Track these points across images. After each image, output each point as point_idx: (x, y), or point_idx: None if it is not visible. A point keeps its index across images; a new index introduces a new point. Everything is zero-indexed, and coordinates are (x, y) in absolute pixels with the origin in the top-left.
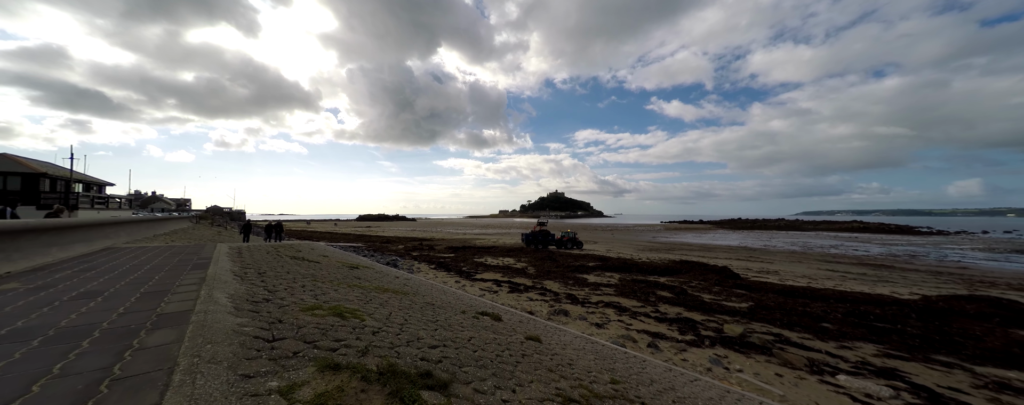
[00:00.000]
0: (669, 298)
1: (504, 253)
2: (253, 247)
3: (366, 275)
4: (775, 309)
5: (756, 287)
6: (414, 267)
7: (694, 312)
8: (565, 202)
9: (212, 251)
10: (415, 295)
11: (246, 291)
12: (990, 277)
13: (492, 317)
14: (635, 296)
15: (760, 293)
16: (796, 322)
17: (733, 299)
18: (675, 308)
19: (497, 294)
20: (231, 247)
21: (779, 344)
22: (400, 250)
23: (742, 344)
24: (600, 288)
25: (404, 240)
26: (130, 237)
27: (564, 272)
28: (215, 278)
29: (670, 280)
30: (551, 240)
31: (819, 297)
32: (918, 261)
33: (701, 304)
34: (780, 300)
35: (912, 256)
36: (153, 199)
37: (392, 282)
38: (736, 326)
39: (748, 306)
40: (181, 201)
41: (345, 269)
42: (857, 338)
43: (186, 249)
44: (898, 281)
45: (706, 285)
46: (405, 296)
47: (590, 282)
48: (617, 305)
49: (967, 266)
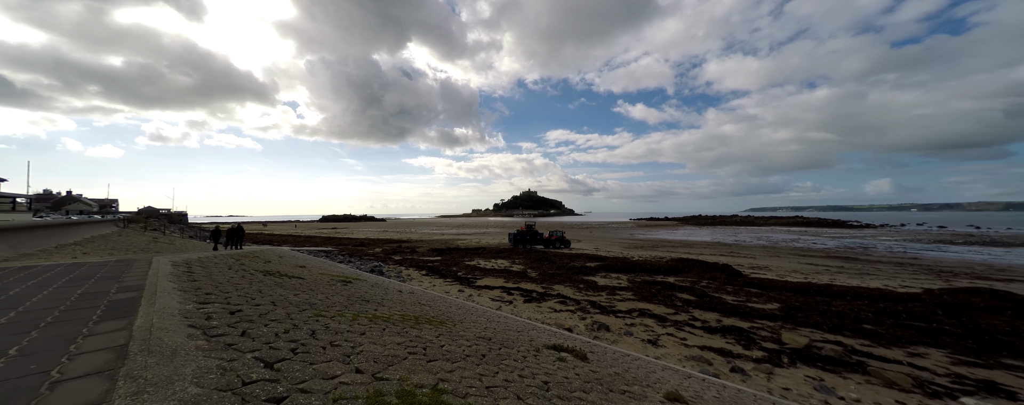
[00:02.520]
0: (692, 301)
1: (494, 255)
2: (208, 261)
3: (371, 294)
4: (804, 310)
5: (766, 285)
6: (403, 273)
7: (731, 318)
8: (538, 201)
9: (146, 272)
10: (459, 325)
11: (224, 380)
12: (947, 267)
13: (576, 355)
14: (657, 300)
15: (776, 292)
16: (841, 325)
17: (754, 299)
18: (708, 313)
19: (513, 304)
20: (176, 263)
21: (854, 356)
22: (379, 254)
23: (821, 359)
24: (617, 292)
25: (379, 242)
26: (14, 251)
27: (568, 275)
28: (151, 339)
29: (678, 280)
30: (539, 239)
31: (833, 294)
32: (874, 253)
33: (730, 307)
34: (801, 299)
35: (864, 249)
36: (68, 200)
37: (413, 305)
38: (794, 335)
39: (776, 307)
40: (106, 202)
41: (338, 285)
42: (912, 341)
43: (102, 269)
44: (878, 273)
45: (717, 284)
46: (448, 329)
47: (601, 285)
48: (647, 312)
49: (917, 256)
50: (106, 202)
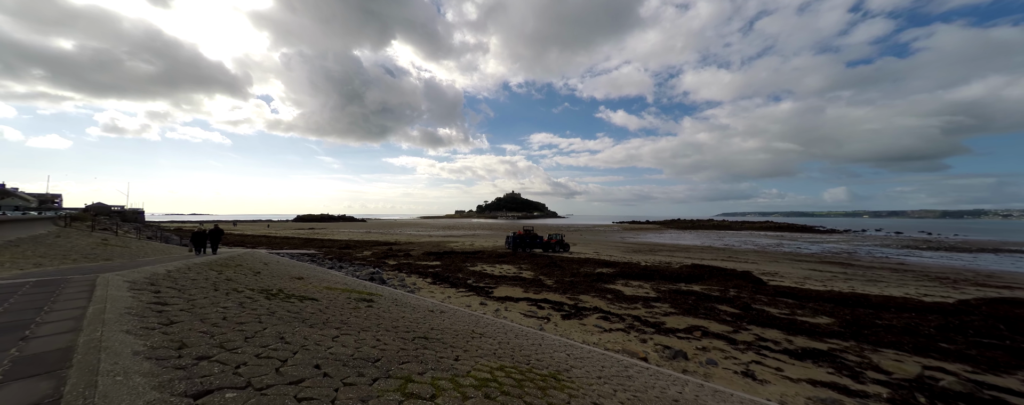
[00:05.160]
0: (739, 315)
1: (495, 259)
2: (181, 277)
3: (417, 324)
4: (861, 325)
5: (797, 294)
6: (407, 281)
7: (797, 336)
8: (521, 203)
9: (85, 304)
10: (559, 380)
11: None
12: (939, 273)
13: None
14: (701, 314)
15: (812, 302)
16: (919, 344)
17: (798, 312)
18: (769, 330)
19: (551, 321)
20: (135, 283)
21: (985, 390)
22: (370, 258)
23: (953, 396)
24: (652, 304)
25: (365, 244)
26: None
27: (588, 282)
28: None
29: (704, 288)
30: (538, 243)
31: (874, 306)
32: (860, 259)
33: (783, 322)
34: (847, 312)
35: (849, 254)
36: (1, 193)
37: (482, 340)
38: (882, 358)
39: (830, 322)
40: (47, 197)
41: (362, 307)
42: (1013, 365)
43: (9, 297)
44: (885, 281)
45: (748, 294)
46: (545, 384)
47: (628, 295)
48: (705, 329)
49: (902, 262)
50: (48, 198)
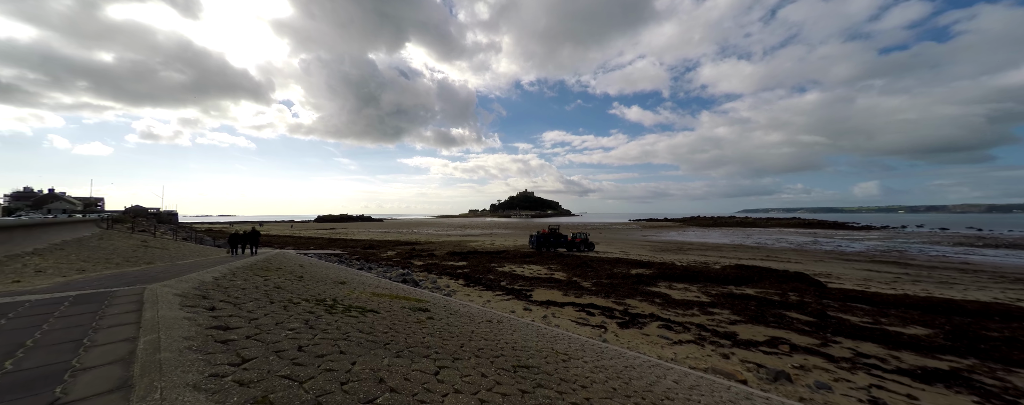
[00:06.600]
0: (814, 323)
1: (522, 259)
2: (231, 286)
3: (476, 334)
4: (972, 338)
5: (870, 299)
6: (439, 284)
7: (902, 351)
8: (535, 201)
9: (135, 322)
10: None
11: None
12: (1012, 273)
13: None
14: (769, 322)
15: (891, 308)
16: None
17: (882, 320)
18: (864, 344)
19: (607, 330)
20: (186, 296)
21: None
22: (395, 258)
23: None
24: (709, 311)
25: (388, 244)
26: None
27: (625, 284)
28: None
29: (758, 291)
30: (562, 242)
31: (969, 313)
32: (914, 257)
33: (871, 332)
34: (944, 321)
35: (901, 252)
36: (50, 198)
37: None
38: None
39: (927, 333)
40: (91, 200)
41: (424, 319)
42: None
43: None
44: (954, 282)
45: (813, 299)
46: None
47: (678, 299)
48: (785, 341)
49: (966, 261)
50: (91, 201)
